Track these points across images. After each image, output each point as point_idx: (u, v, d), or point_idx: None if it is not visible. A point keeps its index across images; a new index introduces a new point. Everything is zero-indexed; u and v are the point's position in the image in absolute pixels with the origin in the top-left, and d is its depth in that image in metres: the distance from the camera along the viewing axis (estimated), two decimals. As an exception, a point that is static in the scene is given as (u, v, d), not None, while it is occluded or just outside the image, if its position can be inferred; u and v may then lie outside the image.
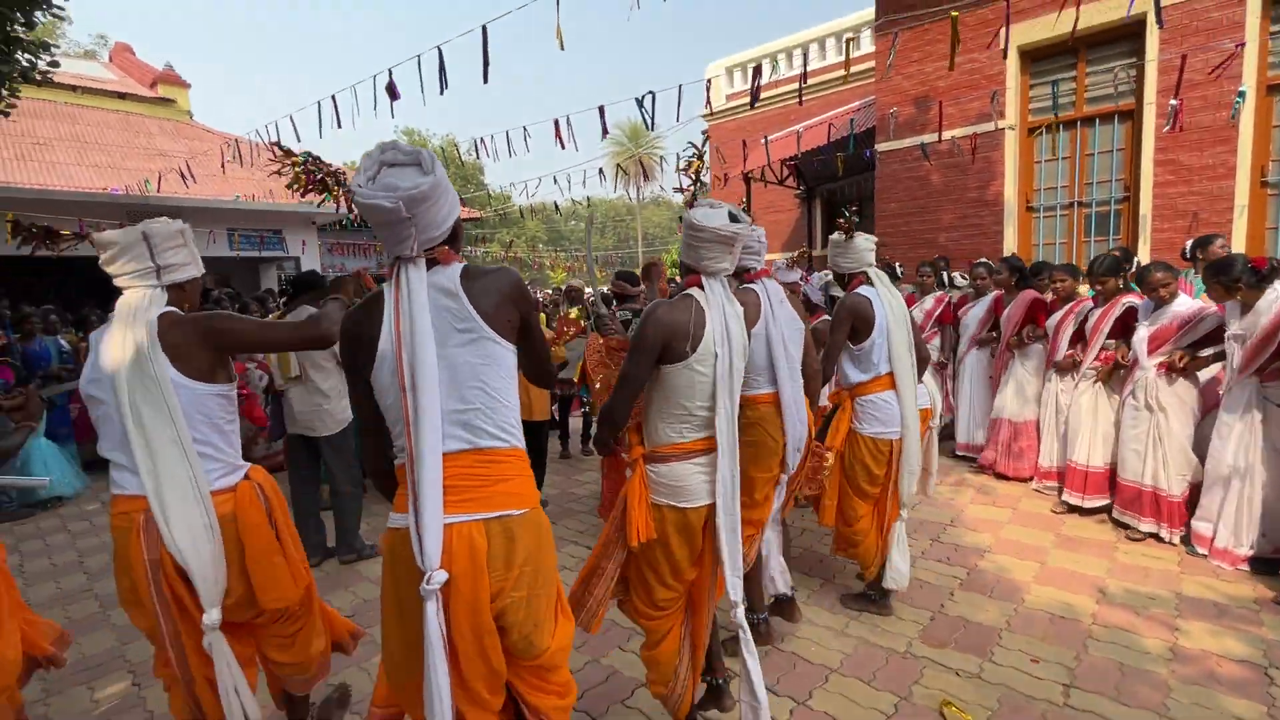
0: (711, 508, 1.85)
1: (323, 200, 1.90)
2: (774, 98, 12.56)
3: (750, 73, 13.56)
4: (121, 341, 1.64)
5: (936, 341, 5.47)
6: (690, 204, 1.89)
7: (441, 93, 4.24)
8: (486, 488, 1.36)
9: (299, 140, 6.61)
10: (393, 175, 1.31)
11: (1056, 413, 4.34)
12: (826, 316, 4.03)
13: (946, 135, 6.60)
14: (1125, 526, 3.76)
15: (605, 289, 5.06)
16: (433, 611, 1.25)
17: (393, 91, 4.44)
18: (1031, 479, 4.56)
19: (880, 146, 7.26)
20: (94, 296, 10.17)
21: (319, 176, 1.97)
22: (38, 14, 5.68)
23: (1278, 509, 3.14)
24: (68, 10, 5.67)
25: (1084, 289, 4.40)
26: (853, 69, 10.72)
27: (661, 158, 30.10)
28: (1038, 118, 6.31)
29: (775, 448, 2.39)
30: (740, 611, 1.87)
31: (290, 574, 1.82)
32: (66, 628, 3.13)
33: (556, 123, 5.79)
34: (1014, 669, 2.53)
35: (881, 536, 2.93)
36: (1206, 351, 3.54)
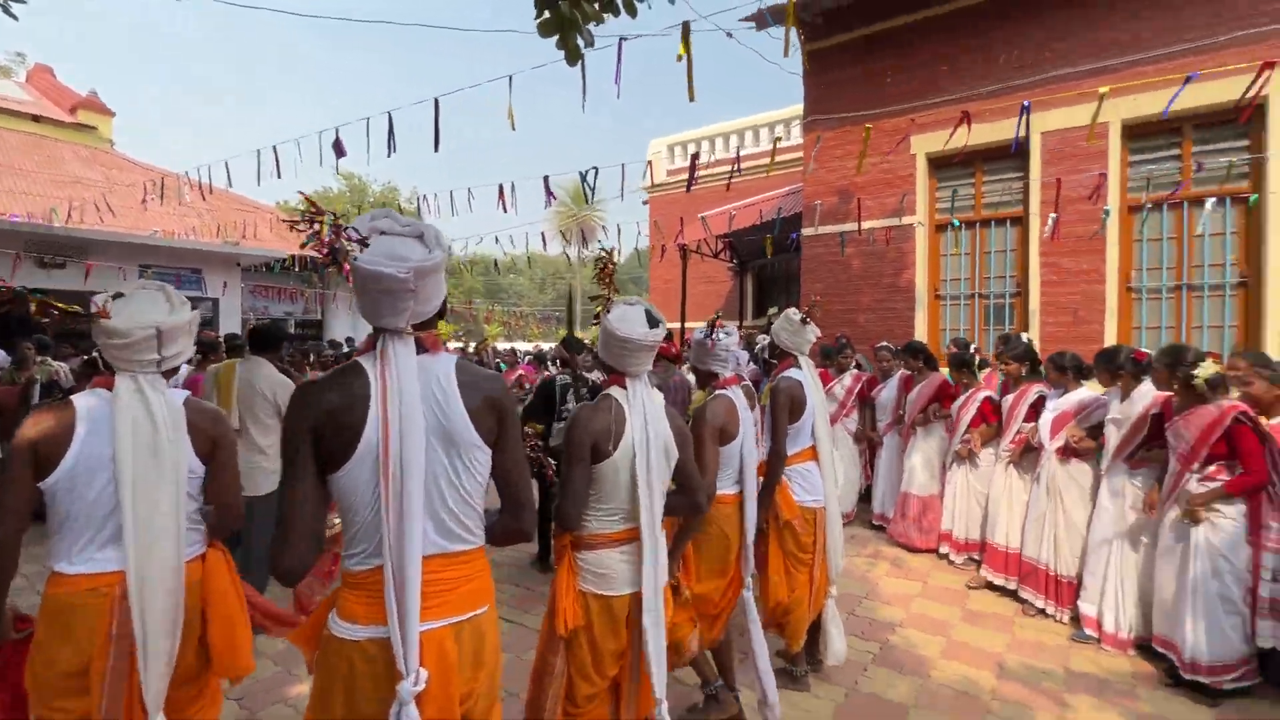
0: (636, 598, 1.88)
1: (327, 268, 1.75)
2: (711, 176, 13.33)
3: (688, 152, 14.39)
4: (134, 424, 1.64)
5: (855, 416, 5.81)
6: (599, 314, 1.96)
7: (389, 155, 4.30)
8: (457, 589, 1.34)
9: (230, 185, 6.42)
10: (393, 244, 1.28)
11: (963, 486, 4.65)
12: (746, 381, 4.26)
13: (865, 226, 7.20)
14: (1024, 602, 4.01)
15: (547, 347, 5.13)
16: (413, 716, 1.19)
17: (339, 149, 4.46)
18: (939, 548, 4.82)
19: (805, 232, 7.81)
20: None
21: (337, 246, 1.73)
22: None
23: (1149, 591, 3.40)
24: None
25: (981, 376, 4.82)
26: (784, 157, 11.59)
27: (604, 226, 31.04)
28: (942, 216, 7.01)
29: (729, 546, 2.56)
30: (664, 708, 1.90)
31: (249, 644, 1.87)
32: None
33: (501, 187, 5.94)
34: (921, 747, 2.61)
35: (812, 610, 3.01)
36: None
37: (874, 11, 7.09)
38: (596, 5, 2.71)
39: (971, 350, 4.93)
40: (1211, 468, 3.05)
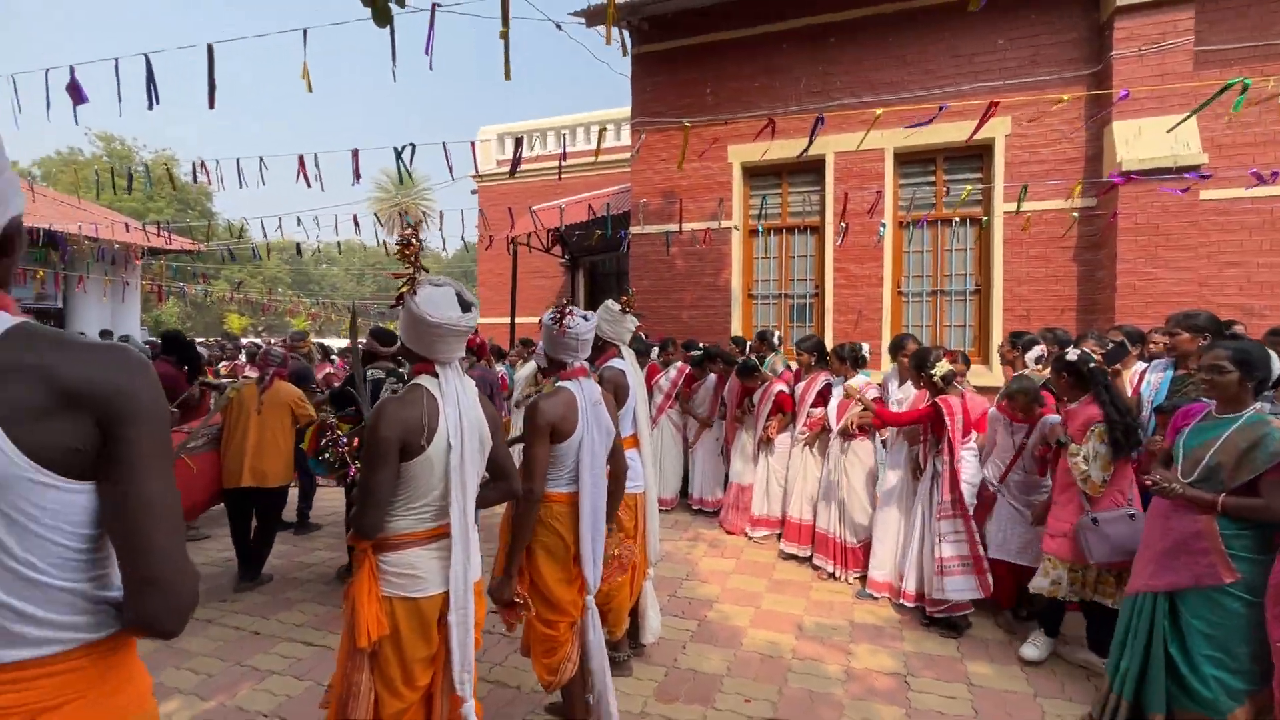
0: (446, 598, 1.75)
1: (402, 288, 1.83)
2: (540, 170, 13.17)
3: (515, 143, 14.11)
4: None
5: (677, 408, 6.10)
6: (403, 293, 1.76)
7: (150, 107, 3.57)
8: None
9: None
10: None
11: (767, 472, 5.12)
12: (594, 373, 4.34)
13: (688, 228, 7.59)
14: (817, 568, 4.50)
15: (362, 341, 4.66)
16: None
17: (77, 94, 3.60)
18: (747, 529, 5.25)
19: (633, 230, 8.04)
20: None
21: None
22: None
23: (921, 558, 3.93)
24: None
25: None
26: (612, 157, 11.80)
27: (425, 213, 29.20)
28: (754, 222, 7.64)
29: (569, 551, 2.35)
30: (470, 706, 1.79)
31: None
32: None
33: (301, 159, 5.27)
34: (732, 712, 2.79)
35: (633, 594, 3.06)
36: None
37: (696, 25, 7.50)
38: (406, -37, 2.48)
39: (754, 358, 5.44)
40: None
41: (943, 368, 3.67)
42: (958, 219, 6.52)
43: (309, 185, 5.12)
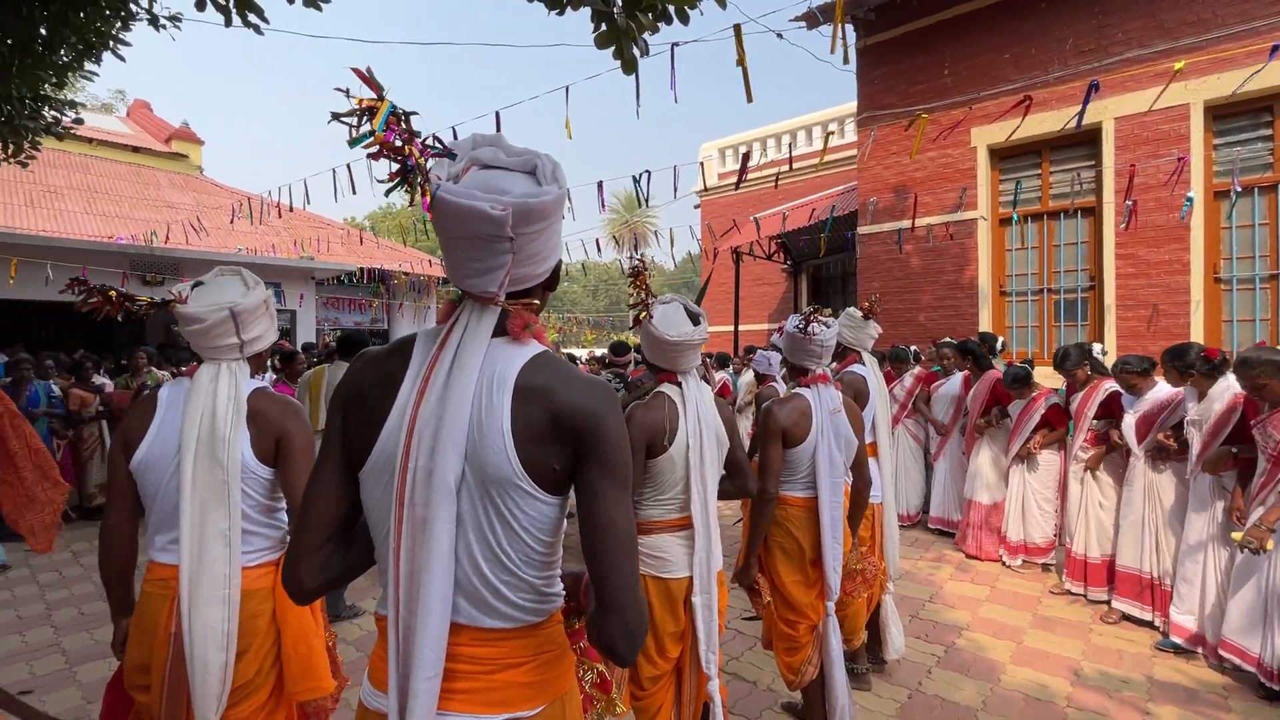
0: (690, 582, 1.95)
1: (393, 188, 1.04)
2: (763, 178, 13.23)
3: (739, 154, 14.35)
4: (200, 415, 1.56)
5: (917, 418, 5.67)
6: (640, 319, 1.98)
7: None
8: (493, 675, 0.93)
9: (308, 202, 6.83)
10: (493, 178, 0.92)
11: (1024, 489, 4.50)
12: (774, 383, 4.34)
13: (923, 222, 7.02)
14: (1099, 605, 3.83)
15: (600, 352, 5.26)
16: None
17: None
18: (1003, 556, 4.65)
19: (861, 230, 7.68)
20: (86, 341, 10.21)
21: (400, 145, 0.90)
22: (69, 74, 6.02)
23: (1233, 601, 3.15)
24: (98, 70, 5.99)
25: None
26: (836, 156, 11.39)
27: (655, 231, 31.27)
28: (1007, 210, 6.76)
29: (804, 554, 2.37)
30: (715, 685, 1.96)
31: (325, 662, 1.71)
32: (31, 684, 3.07)
33: (557, 197, 6.11)
34: (989, 750, 2.55)
35: (869, 605, 2.98)
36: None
37: (928, 3, 6.93)
38: (650, 15, 2.79)
39: (1026, 365, 4.72)
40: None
41: None
42: (1310, 180, 5.01)
43: (562, 217, 5.89)
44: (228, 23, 3.62)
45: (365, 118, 0.80)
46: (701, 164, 6.27)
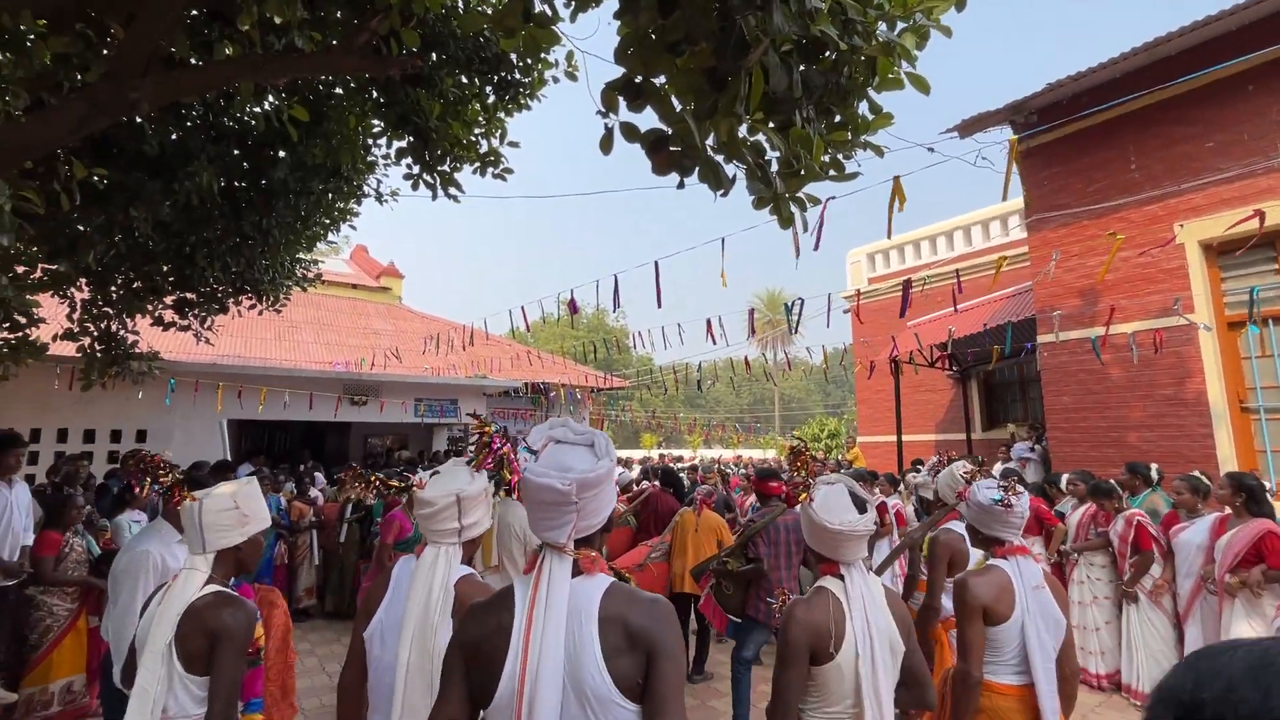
0: None
1: (494, 476, 1.86)
2: (919, 280, 12.65)
3: (889, 259, 13.94)
4: (421, 599, 1.67)
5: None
6: (800, 499, 1.86)
7: (614, 310, 4.88)
8: None
9: (487, 337, 7.70)
10: (562, 454, 1.23)
11: None
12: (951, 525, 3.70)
13: (1125, 329, 6.20)
14: None
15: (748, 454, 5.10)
16: None
17: (573, 307, 5.22)
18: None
19: (1043, 339, 6.94)
20: (309, 448, 12.02)
21: (499, 451, 1.83)
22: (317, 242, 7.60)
23: None
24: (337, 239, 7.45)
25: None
26: (1003, 253, 10.66)
27: (801, 333, 30.96)
28: (1235, 313, 5.77)
29: None
30: None
31: None
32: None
33: (709, 322, 6.31)
34: None
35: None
36: None
37: (1101, 98, 6.50)
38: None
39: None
40: None
41: None
42: None
43: (714, 343, 6.02)
44: (434, 197, 4.38)
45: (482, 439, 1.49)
46: (857, 295, 6.17)
